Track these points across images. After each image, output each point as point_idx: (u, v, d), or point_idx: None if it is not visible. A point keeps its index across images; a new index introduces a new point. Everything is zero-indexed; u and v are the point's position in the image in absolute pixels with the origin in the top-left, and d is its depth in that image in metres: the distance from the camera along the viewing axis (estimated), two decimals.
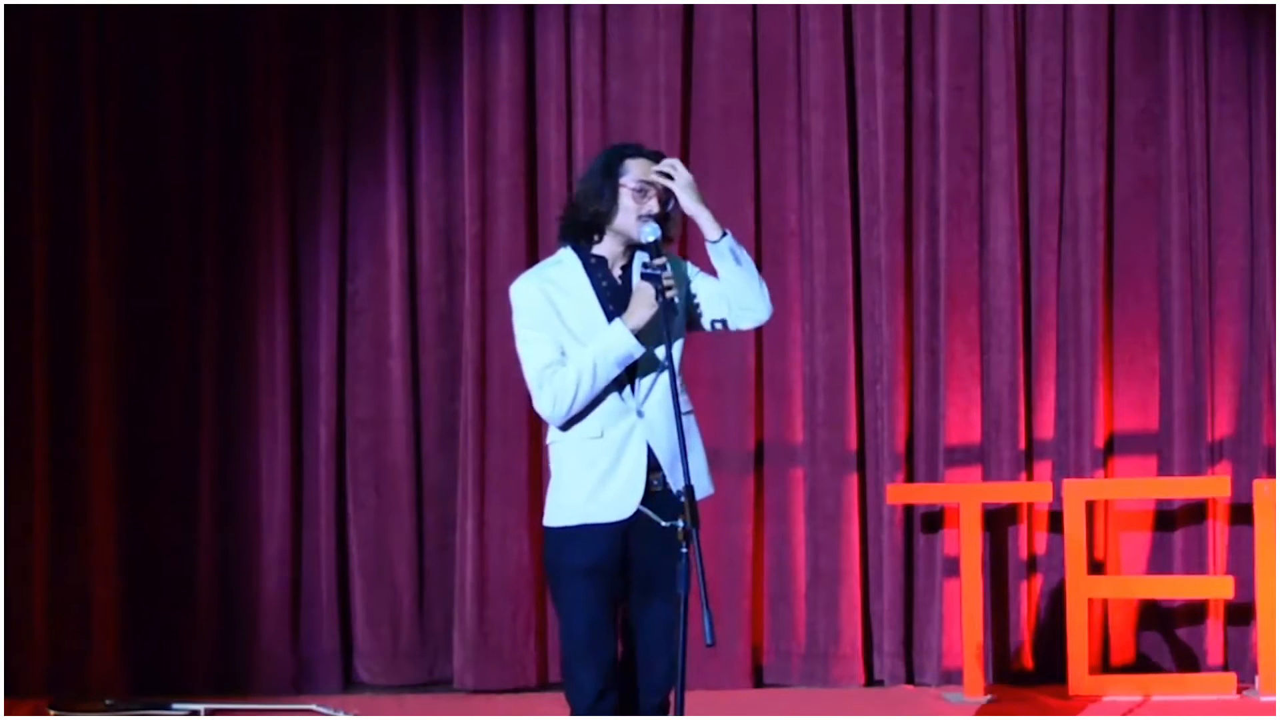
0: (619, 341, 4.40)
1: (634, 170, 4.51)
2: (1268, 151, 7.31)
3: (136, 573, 7.20)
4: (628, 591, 4.53)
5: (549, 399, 4.46)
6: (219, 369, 7.29)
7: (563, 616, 4.54)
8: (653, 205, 4.48)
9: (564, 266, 4.56)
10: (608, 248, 4.53)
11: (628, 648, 4.56)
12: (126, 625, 7.16)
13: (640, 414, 4.47)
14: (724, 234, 4.51)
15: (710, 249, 4.53)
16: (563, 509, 4.53)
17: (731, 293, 4.56)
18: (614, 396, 4.47)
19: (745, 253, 4.58)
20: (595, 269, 4.52)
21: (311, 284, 7.34)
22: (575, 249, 4.57)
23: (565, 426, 4.49)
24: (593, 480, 4.47)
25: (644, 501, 4.45)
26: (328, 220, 7.33)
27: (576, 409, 4.45)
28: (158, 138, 7.27)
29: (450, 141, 7.34)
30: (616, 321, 4.42)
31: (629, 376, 4.48)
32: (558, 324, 4.48)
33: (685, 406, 4.53)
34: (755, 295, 4.58)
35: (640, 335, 4.42)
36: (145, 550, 7.23)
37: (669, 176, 4.47)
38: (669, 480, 4.46)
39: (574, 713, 4.48)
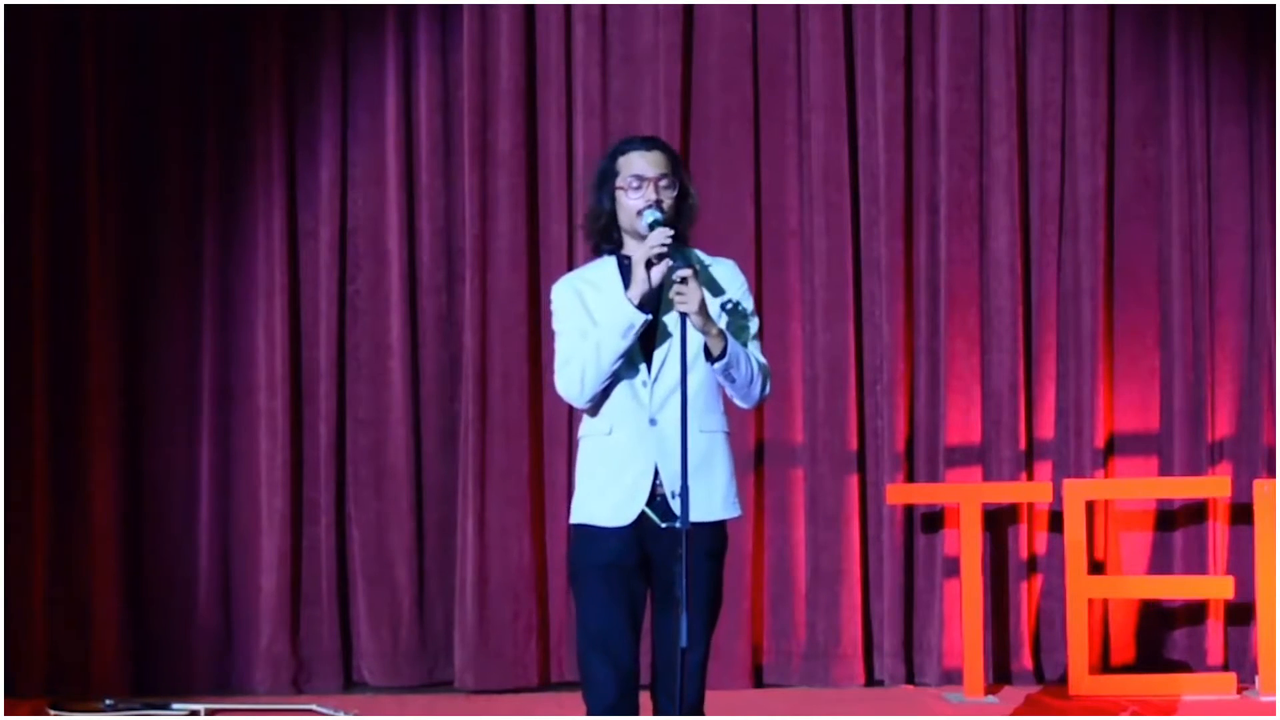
0: (619, 311, 4.34)
1: (624, 169, 4.46)
2: (1268, 152, 7.31)
3: (136, 573, 7.21)
4: (652, 595, 4.47)
5: (563, 380, 4.43)
6: (219, 368, 7.29)
7: (578, 613, 4.51)
8: (650, 194, 4.41)
9: (600, 267, 4.55)
10: (633, 249, 4.47)
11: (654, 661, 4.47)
12: (126, 625, 7.16)
13: (653, 421, 4.40)
14: (721, 355, 4.34)
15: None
16: (576, 505, 4.51)
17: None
18: (626, 392, 4.41)
19: (744, 366, 4.40)
20: (628, 270, 4.46)
21: (311, 284, 7.34)
22: (613, 254, 4.54)
23: (590, 414, 4.46)
24: (598, 481, 4.44)
25: (648, 515, 4.39)
26: (328, 220, 7.33)
27: (590, 387, 4.39)
28: (158, 137, 7.28)
29: (450, 141, 7.34)
30: (622, 300, 4.36)
31: (642, 368, 4.40)
32: (584, 316, 4.45)
33: (713, 425, 4.47)
34: (743, 400, 4.50)
35: (655, 335, 4.37)
36: (145, 550, 7.23)
37: (684, 281, 4.27)
38: (671, 504, 4.34)
39: (590, 712, 4.44)
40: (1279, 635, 6.86)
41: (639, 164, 4.45)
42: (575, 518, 4.50)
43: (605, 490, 4.42)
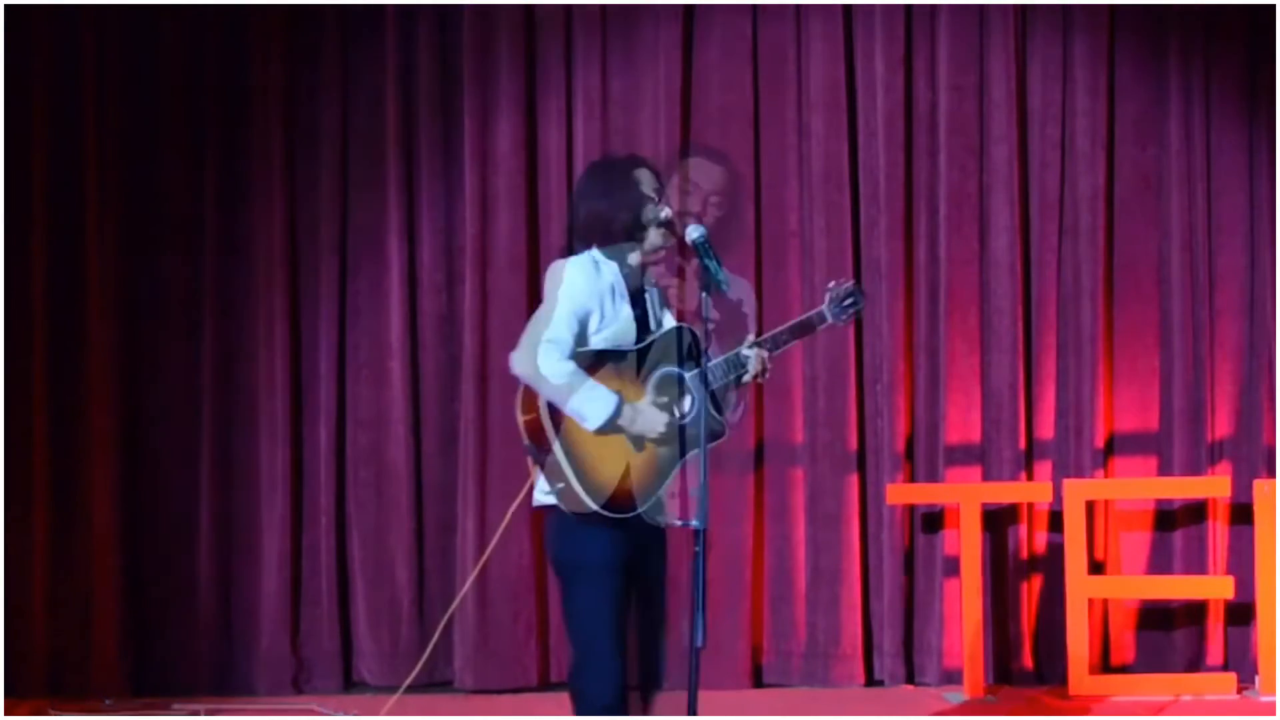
0: (597, 408, 4.43)
1: (646, 181, 4.58)
2: (1268, 151, 7.31)
3: (136, 573, 7.21)
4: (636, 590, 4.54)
5: (542, 356, 4.51)
6: (219, 369, 7.29)
7: (571, 613, 4.52)
8: (694, 205, 4.56)
9: (604, 265, 4.62)
10: (632, 254, 4.57)
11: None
12: (126, 625, 7.17)
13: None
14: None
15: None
16: (553, 489, 4.55)
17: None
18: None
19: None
20: (628, 278, 4.59)
21: (311, 284, 7.34)
22: (605, 252, 4.59)
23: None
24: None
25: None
26: (328, 221, 7.33)
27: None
28: (157, 139, 7.28)
29: (450, 142, 7.34)
30: (622, 400, 4.46)
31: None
32: (593, 306, 4.51)
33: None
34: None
35: (646, 330, 4.56)
36: (145, 550, 7.24)
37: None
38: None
39: (586, 713, 4.44)
40: (1279, 635, 6.86)
41: (695, 173, 4.59)
42: (552, 499, 4.53)
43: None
